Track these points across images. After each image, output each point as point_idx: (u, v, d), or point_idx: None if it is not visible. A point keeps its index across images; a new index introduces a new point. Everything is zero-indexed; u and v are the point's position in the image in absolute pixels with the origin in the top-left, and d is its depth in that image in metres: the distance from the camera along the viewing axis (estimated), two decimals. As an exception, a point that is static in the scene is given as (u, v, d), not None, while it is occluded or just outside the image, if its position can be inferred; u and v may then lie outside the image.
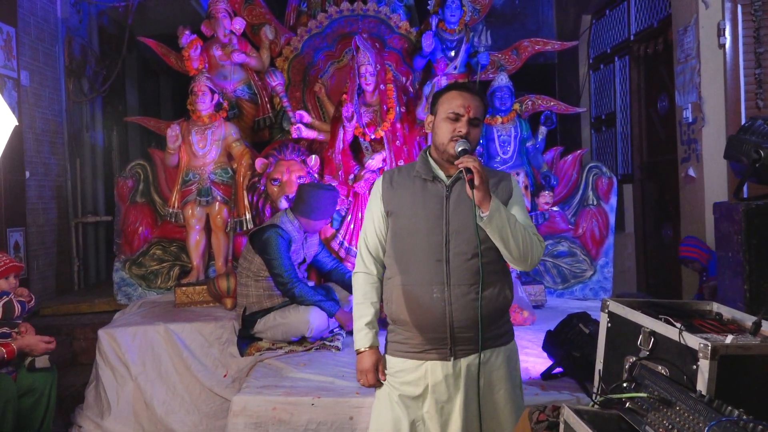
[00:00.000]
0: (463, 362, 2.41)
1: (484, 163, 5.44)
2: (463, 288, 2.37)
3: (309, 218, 4.55)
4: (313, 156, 5.34)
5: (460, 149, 2.32)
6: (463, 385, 2.41)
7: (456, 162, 2.30)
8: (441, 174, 2.45)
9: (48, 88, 6.23)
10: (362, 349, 2.50)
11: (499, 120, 5.53)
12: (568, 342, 3.55)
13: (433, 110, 2.49)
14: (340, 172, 5.36)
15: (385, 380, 2.49)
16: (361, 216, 5.11)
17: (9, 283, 4.03)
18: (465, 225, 2.37)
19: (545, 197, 5.55)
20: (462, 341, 2.39)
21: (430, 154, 2.51)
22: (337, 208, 5.04)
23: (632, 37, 6.66)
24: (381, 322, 2.53)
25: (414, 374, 2.43)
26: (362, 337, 2.51)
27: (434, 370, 2.41)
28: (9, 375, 3.77)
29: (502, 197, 2.43)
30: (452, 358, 2.40)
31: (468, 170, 2.24)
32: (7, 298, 3.92)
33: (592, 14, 7.63)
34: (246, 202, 5.38)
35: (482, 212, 2.27)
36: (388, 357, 2.52)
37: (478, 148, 5.36)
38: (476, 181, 2.23)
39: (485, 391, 2.42)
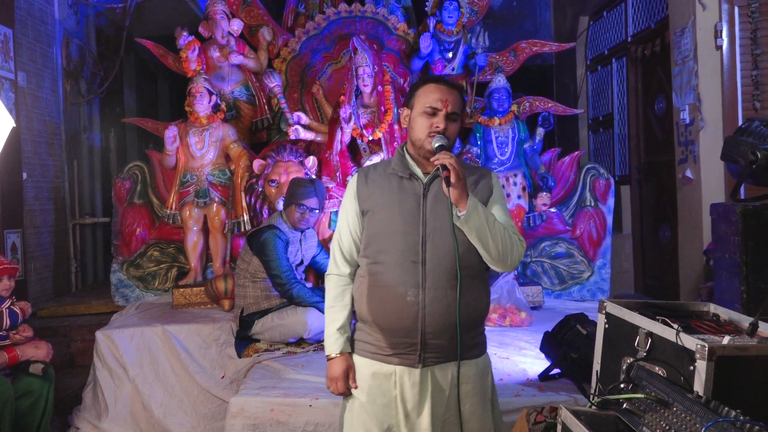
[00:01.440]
0: (432, 371, 2.28)
1: (482, 164, 5.46)
2: (439, 292, 2.24)
3: (286, 208, 4.53)
4: (311, 157, 5.34)
5: (437, 145, 2.23)
6: (430, 395, 2.28)
7: (432, 159, 2.22)
8: (418, 171, 2.34)
9: (45, 90, 6.23)
10: (333, 355, 2.38)
11: (497, 121, 5.54)
12: (566, 343, 3.56)
13: (408, 104, 2.38)
14: (337, 174, 5.36)
15: (356, 388, 2.37)
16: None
17: (3, 285, 4.00)
18: (443, 225, 2.26)
19: (543, 198, 5.55)
20: (432, 349, 2.27)
21: (406, 150, 2.40)
22: (335, 209, 5.04)
23: (629, 39, 6.67)
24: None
25: (381, 379, 2.32)
26: (333, 342, 2.39)
27: (402, 376, 2.29)
28: (6, 377, 3.77)
29: (482, 195, 2.34)
30: (420, 366, 2.27)
31: (444, 167, 2.15)
32: None
33: (589, 16, 7.64)
34: (244, 203, 5.38)
35: (459, 211, 2.19)
36: (355, 357, 2.41)
37: (475, 149, 5.43)
38: (452, 179, 2.14)
39: (452, 404, 2.29)
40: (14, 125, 2.18)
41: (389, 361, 2.30)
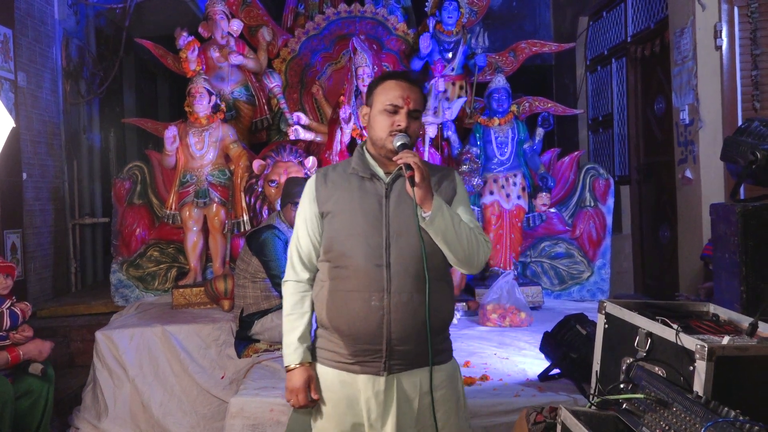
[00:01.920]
0: (398, 379, 2.17)
1: (482, 164, 5.46)
2: (405, 296, 2.13)
3: (283, 208, 4.52)
4: (311, 157, 5.34)
5: (399, 144, 2.14)
6: (395, 404, 2.17)
7: (395, 158, 2.13)
8: (380, 171, 2.24)
9: (45, 90, 6.22)
10: (292, 366, 2.24)
11: (497, 122, 5.54)
12: (566, 343, 3.56)
13: (368, 102, 2.28)
14: (337, 174, 5.35)
15: (317, 399, 2.24)
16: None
17: (0, 284, 4.00)
18: (407, 226, 2.16)
19: (542, 199, 5.55)
20: (398, 355, 2.16)
21: (367, 149, 2.30)
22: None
23: (629, 39, 6.67)
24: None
25: (344, 388, 2.20)
26: (292, 352, 2.24)
27: (365, 385, 2.17)
28: (6, 378, 3.76)
29: (446, 195, 2.25)
30: (385, 374, 2.16)
31: (408, 166, 2.07)
32: None
33: (589, 16, 7.64)
34: (243, 203, 5.39)
35: (424, 212, 2.10)
36: (317, 365, 2.28)
37: (475, 149, 5.43)
38: (417, 178, 2.06)
39: (422, 413, 2.19)
40: (14, 125, 2.17)
41: (352, 369, 2.19)
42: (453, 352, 2.39)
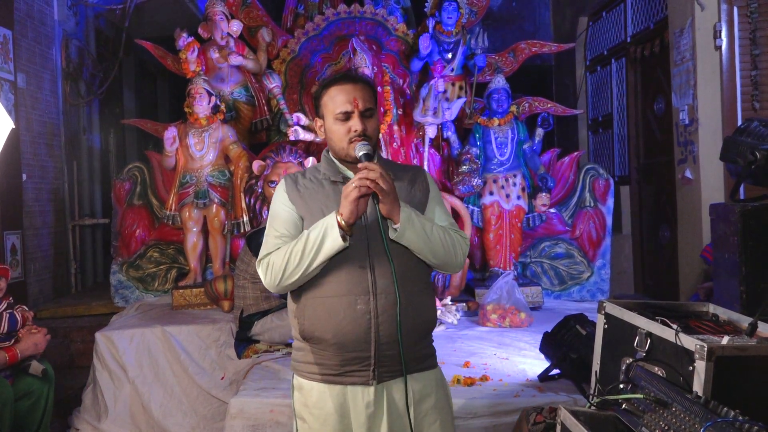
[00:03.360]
0: (387, 388, 2.09)
1: (482, 164, 5.46)
2: (391, 297, 2.04)
3: None
4: (311, 158, 5.34)
5: (361, 154, 2.04)
6: (386, 415, 2.08)
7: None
8: (350, 174, 2.14)
9: (45, 91, 6.23)
10: (335, 220, 2.01)
11: (496, 122, 5.54)
12: (566, 343, 3.56)
13: (318, 113, 2.20)
14: (337, 174, 5.36)
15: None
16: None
17: None
18: (386, 226, 2.07)
19: (542, 199, 5.55)
20: (387, 361, 2.07)
21: (333, 155, 2.22)
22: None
23: (629, 39, 6.67)
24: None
25: (331, 403, 2.09)
26: (327, 220, 2.03)
27: (354, 397, 2.08)
28: (6, 379, 3.76)
29: (420, 196, 2.20)
30: (375, 382, 2.07)
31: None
32: None
33: (588, 16, 7.65)
34: (243, 204, 5.39)
35: (393, 224, 2.03)
36: (298, 379, 2.18)
37: (474, 149, 5.43)
38: (380, 196, 1.98)
39: (418, 423, 2.11)
40: (13, 126, 2.17)
41: (340, 381, 2.09)
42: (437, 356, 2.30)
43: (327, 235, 2.00)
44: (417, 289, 2.13)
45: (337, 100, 2.12)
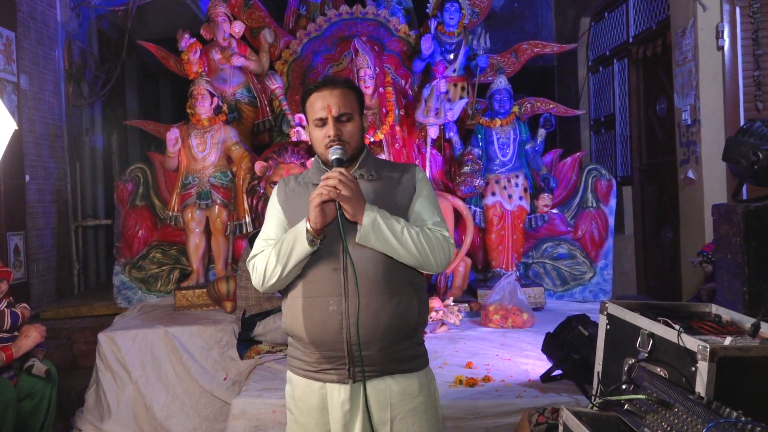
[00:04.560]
0: (366, 387, 2.13)
1: (484, 165, 5.46)
2: (364, 299, 2.08)
3: None
4: (312, 159, 5.33)
5: (333, 158, 2.13)
6: (360, 414, 2.12)
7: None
8: (322, 177, 2.15)
9: (48, 92, 6.24)
10: (305, 226, 2.09)
11: (498, 123, 5.53)
12: (568, 344, 3.56)
13: (306, 118, 2.30)
14: (339, 175, 5.36)
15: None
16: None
17: None
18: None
19: (544, 199, 5.54)
20: (362, 361, 2.10)
21: (319, 158, 2.31)
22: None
23: (631, 40, 6.67)
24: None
25: (313, 398, 2.18)
26: (299, 225, 2.12)
27: (331, 393, 2.14)
28: (10, 379, 3.77)
29: (403, 195, 2.22)
30: (351, 381, 2.11)
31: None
32: None
33: (591, 17, 7.65)
34: (245, 205, 5.39)
35: (359, 227, 2.07)
36: (289, 373, 2.28)
37: (476, 150, 5.43)
38: (340, 201, 2.03)
39: (395, 427, 2.14)
40: (16, 128, 2.18)
41: (319, 378, 2.17)
42: (425, 358, 2.28)
43: (297, 240, 2.10)
44: (397, 290, 2.14)
45: (315, 106, 2.20)
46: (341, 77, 2.71)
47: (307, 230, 2.08)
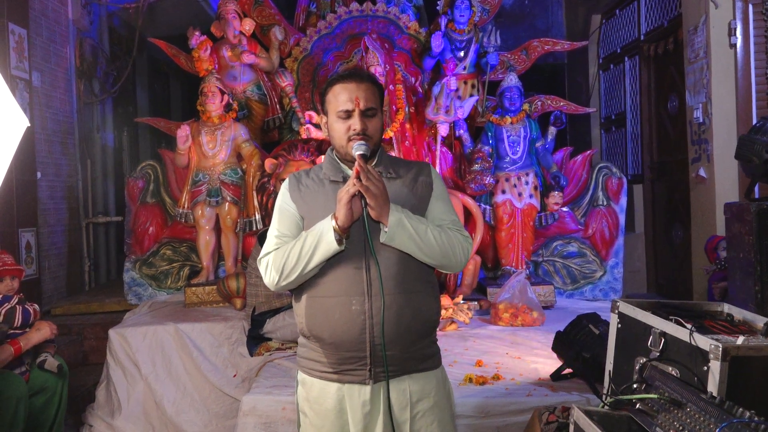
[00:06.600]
0: (384, 388, 2.09)
1: (494, 162, 5.45)
2: (388, 298, 2.05)
3: None
4: (322, 156, 5.33)
5: (357, 153, 2.06)
6: (382, 414, 2.09)
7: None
8: (351, 173, 2.09)
9: (59, 89, 6.27)
10: (331, 224, 2.04)
11: (509, 120, 5.52)
12: (578, 343, 3.54)
13: (324, 109, 2.21)
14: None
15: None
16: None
17: (6, 285, 4.00)
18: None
19: (555, 197, 5.53)
20: (383, 361, 2.07)
21: (335, 153, 2.24)
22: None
23: (642, 37, 6.64)
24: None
25: (329, 400, 2.12)
26: (324, 224, 2.06)
27: (350, 395, 2.10)
28: (21, 375, 3.79)
29: (422, 194, 2.19)
30: (371, 382, 2.08)
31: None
32: (9, 306, 3.90)
33: (602, 14, 7.61)
34: (255, 202, 5.40)
35: (384, 227, 2.03)
36: (301, 374, 2.23)
37: (487, 147, 5.42)
38: (367, 199, 1.99)
39: (415, 426, 2.12)
40: (29, 125, 2.19)
41: (336, 380, 2.12)
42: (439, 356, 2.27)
43: (322, 239, 2.04)
44: (416, 289, 2.13)
45: (340, 98, 2.13)
46: (366, 71, 2.68)
47: (335, 229, 2.02)
